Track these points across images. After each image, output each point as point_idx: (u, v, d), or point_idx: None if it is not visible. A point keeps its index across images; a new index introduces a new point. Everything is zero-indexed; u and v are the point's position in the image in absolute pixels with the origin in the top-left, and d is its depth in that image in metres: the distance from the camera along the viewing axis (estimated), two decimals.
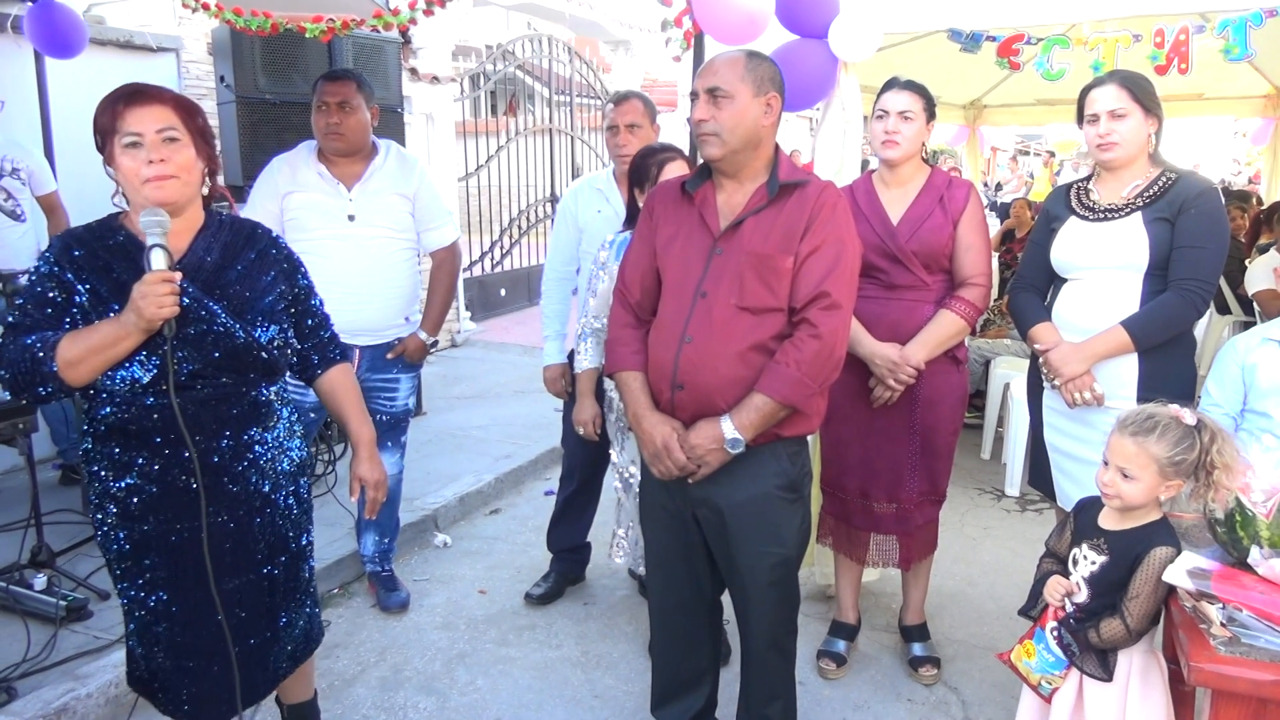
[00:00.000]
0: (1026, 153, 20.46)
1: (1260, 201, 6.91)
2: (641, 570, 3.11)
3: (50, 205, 4.21)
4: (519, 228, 9.42)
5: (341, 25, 3.37)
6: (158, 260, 1.78)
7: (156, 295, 1.75)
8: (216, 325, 1.89)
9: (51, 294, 1.85)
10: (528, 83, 10.25)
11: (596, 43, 13.62)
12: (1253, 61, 4.65)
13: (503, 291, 9.15)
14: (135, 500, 1.92)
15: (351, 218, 3.12)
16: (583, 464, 3.40)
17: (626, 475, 3.05)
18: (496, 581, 3.68)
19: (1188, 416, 1.95)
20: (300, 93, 4.50)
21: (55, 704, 2.60)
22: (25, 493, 3.30)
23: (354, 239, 3.11)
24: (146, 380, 1.86)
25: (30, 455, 3.21)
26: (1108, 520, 2.05)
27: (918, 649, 3.02)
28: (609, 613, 3.42)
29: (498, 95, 10.03)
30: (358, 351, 3.16)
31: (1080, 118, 2.54)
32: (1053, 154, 17.65)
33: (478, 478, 4.59)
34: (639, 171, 2.89)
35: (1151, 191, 2.48)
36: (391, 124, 4.76)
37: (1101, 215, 2.53)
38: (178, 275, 1.81)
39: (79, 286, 1.86)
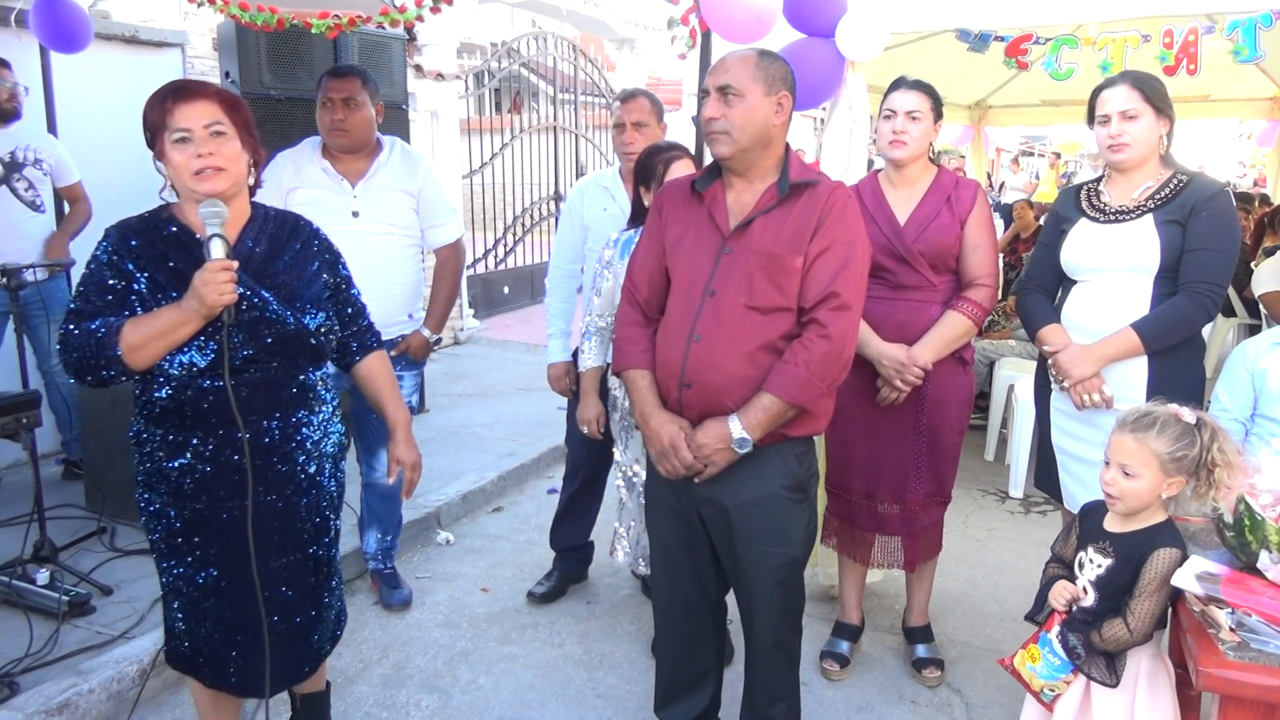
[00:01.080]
0: (1031, 154, 20.43)
1: (1267, 203, 6.89)
2: (641, 569, 3.11)
3: (74, 195, 4.23)
4: (523, 225, 9.41)
5: (348, 22, 3.36)
6: (217, 249, 1.87)
7: (218, 283, 1.83)
8: (269, 312, 1.96)
9: (111, 281, 1.92)
10: (532, 81, 10.25)
11: (601, 40, 13.62)
12: (1259, 64, 4.64)
13: (506, 289, 9.14)
14: (188, 480, 1.98)
15: (356, 214, 3.11)
16: (586, 463, 3.39)
17: (630, 474, 3.04)
18: (499, 580, 3.68)
19: (1186, 414, 1.96)
20: (305, 89, 4.49)
21: (57, 699, 2.59)
22: (28, 488, 3.30)
23: (358, 236, 3.09)
24: (204, 365, 1.93)
25: (34, 450, 3.21)
26: (1113, 523, 2.04)
27: (921, 651, 3.01)
28: (612, 612, 3.41)
29: (502, 93, 10.03)
30: None
31: (1091, 118, 2.53)
32: (1059, 155, 17.62)
33: (480, 475, 4.58)
34: (644, 170, 2.88)
35: (1163, 194, 2.47)
36: (396, 121, 4.76)
37: (1112, 217, 2.52)
38: (235, 263, 1.88)
39: (138, 275, 1.93)
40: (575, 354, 3.20)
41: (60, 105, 4.44)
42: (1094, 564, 2.03)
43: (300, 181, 3.11)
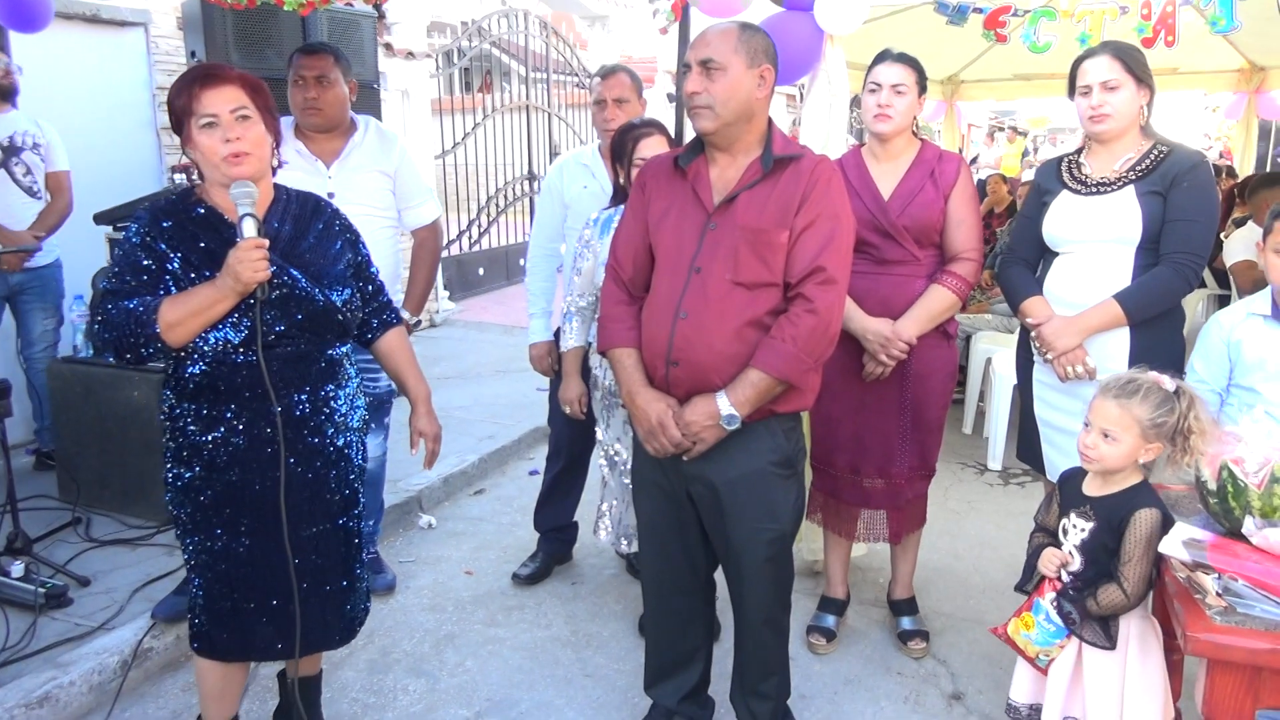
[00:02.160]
0: (1001, 128, 20.54)
1: (1234, 175, 6.97)
2: (624, 548, 3.10)
3: (58, 185, 4.15)
4: (496, 206, 9.33)
5: (321, 0, 3.28)
6: (249, 229, 1.93)
7: (252, 260, 1.89)
8: (298, 290, 2.02)
9: (146, 262, 1.98)
10: (503, 60, 10.13)
11: (572, 18, 13.48)
12: (1228, 35, 4.66)
13: (481, 270, 9.07)
14: (222, 452, 2.04)
15: (331, 195, 3.04)
16: (570, 443, 3.38)
17: (611, 453, 3.03)
18: (483, 562, 3.66)
19: (1167, 382, 2.01)
20: (274, 68, 4.38)
21: (37, 693, 2.55)
22: None
23: None
24: (238, 341, 1.99)
25: (4, 440, 3.15)
26: (1091, 487, 2.09)
27: (906, 623, 3.04)
28: (597, 592, 3.41)
29: (474, 72, 9.92)
30: None
31: (1072, 90, 2.53)
32: (1017, 129, 17.68)
33: (461, 458, 4.56)
34: (617, 148, 2.86)
35: (1144, 165, 2.48)
36: (367, 100, 4.67)
37: (1094, 189, 2.52)
38: (267, 242, 1.94)
39: (171, 255, 1.99)
40: (557, 333, 3.17)
41: (21, 86, 4.32)
42: (1077, 529, 2.08)
43: None
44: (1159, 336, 2.49)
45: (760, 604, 2.29)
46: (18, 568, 3.08)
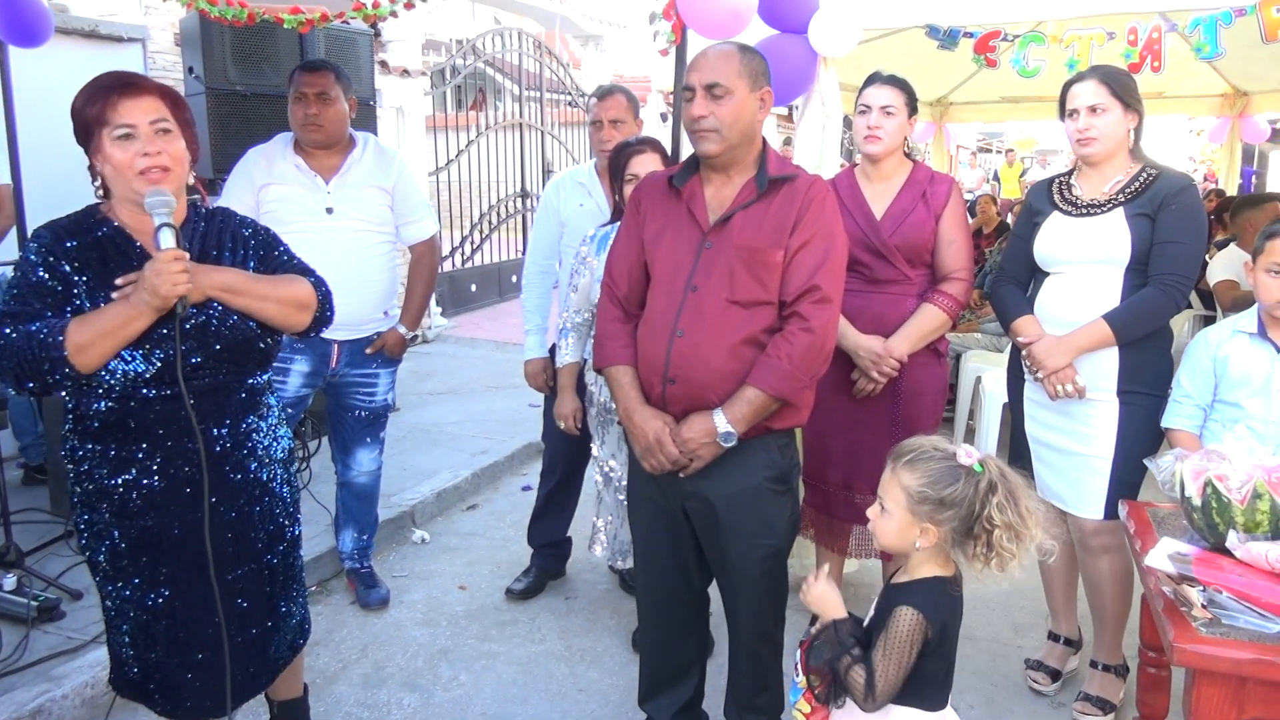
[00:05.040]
0: (988, 150, 20.75)
1: (1223, 195, 7.06)
2: (620, 564, 3.12)
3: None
4: (489, 223, 9.37)
5: (320, 18, 3.32)
6: (167, 239, 1.80)
7: (171, 273, 1.75)
8: (215, 318, 1.90)
9: (50, 283, 1.82)
10: (497, 79, 10.20)
11: (566, 37, 13.59)
12: (1211, 61, 4.75)
13: (473, 287, 9.10)
14: (135, 495, 1.91)
15: (330, 210, 3.08)
16: (564, 458, 3.40)
17: (606, 469, 3.05)
18: (476, 577, 3.67)
19: (964, 456, 1.69)
20: (271, 84, 4.44)
21: (30, 705, 2.55)
22: None
23: (332, 232, 3.07)
24: (149, 375, 1.85)
25: None
26: (901, 573, 1.84)
27: None
28: (591, 607, 3.42)
29: (465, 90, 10.00)
30: (336, 347, 3.13)
31: (1062, 112, 2.58)
32: (1014, 151, 17.93)
33: (454, 474, 4.57)
34: (612, 166, 2.90)
35: (1133, 187, 2.53)
36: (364, 117, 4.72)
37: (1084, 210, 2.57)
38: (186, 254, 1.82)
39: (75, 277, 1.84)
40: (552, 350, 3.20)
41: (19, 102, 4.33)
42: (871, 612, 1.86)
43: (272, 178, 3.07)
44: (1147, 356, 2.54)
45: (755, 619, 2.31)
46: (10, 581, 3.07)
